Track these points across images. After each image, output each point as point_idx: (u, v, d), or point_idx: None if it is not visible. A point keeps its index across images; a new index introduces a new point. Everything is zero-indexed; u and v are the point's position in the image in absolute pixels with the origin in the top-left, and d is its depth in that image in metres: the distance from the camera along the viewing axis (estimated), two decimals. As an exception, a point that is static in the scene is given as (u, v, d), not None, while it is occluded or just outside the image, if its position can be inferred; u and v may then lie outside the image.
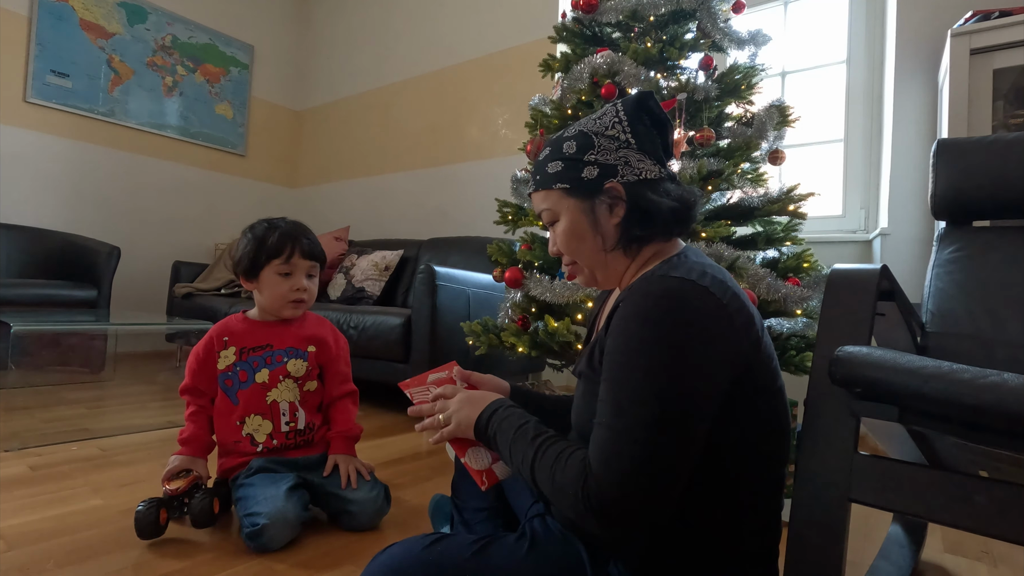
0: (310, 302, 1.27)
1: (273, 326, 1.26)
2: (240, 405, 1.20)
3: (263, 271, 1.21)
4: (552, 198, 0.70)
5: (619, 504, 0.54)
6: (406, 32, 3.73)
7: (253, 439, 1.20)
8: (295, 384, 1.24)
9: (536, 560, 0.63)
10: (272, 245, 1.21)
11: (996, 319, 1.01)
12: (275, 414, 1.21)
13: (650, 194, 0.66)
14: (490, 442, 0.67)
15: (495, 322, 1.77)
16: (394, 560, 0.64)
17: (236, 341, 1.22)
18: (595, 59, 1.62)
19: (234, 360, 1.21)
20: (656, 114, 0.69)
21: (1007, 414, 0.54)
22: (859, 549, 1.18)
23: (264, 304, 1.25)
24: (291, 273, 1.22)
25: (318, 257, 1.26)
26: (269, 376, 1.21)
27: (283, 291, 1.22)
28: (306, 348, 1.27)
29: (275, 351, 1.24)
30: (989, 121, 1.62)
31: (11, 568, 0.94)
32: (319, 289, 3.17)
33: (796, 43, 2.53)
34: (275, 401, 1.22)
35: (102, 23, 3.35)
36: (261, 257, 1.20)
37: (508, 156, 3.09)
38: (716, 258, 1.36)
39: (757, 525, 0.63)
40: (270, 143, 4.30)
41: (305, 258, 1.23)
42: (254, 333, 1.24)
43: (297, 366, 1.24)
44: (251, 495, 1.08)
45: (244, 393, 1.20)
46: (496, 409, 0.68)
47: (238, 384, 1.21)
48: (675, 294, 0.57)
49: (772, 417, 0.62)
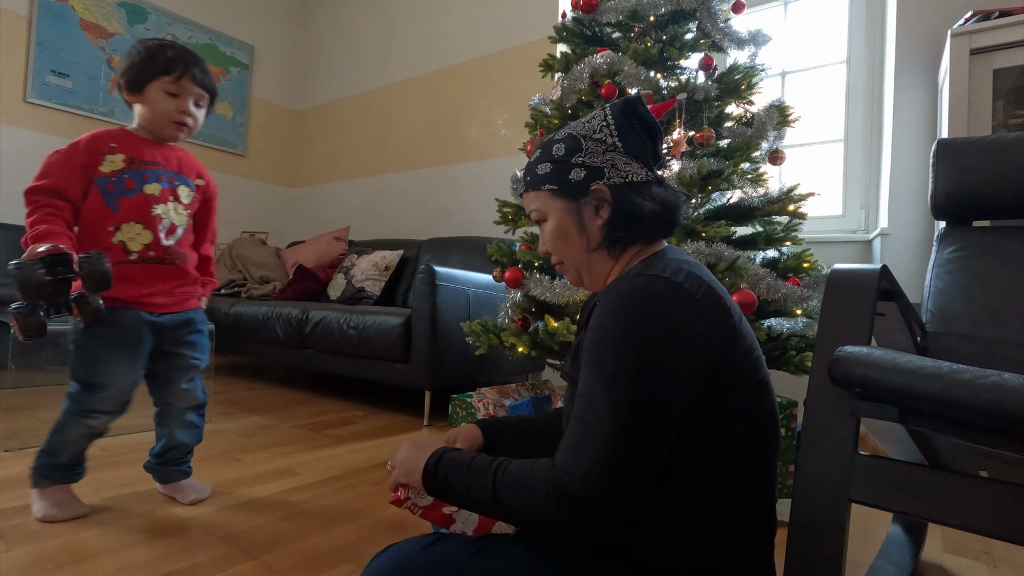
0: (194, 129, 1.26)
1: (160, 147, 1.24)
2: (120, 212, 1.16)
3: (150, 85, 1.18)
4: (541, 198, 0.72)
5: (591, 497, 0.54)
6: (406, 32, 3.73)
7: (126, 246, 1.17)
8: (184, 210, 1.25)
9: (536, 560, 0.63)
10: (163, 61, 1.17)
11: (996, 319, 1.01)
12: (155, 226, 1.20)
13: (635, 197, 0.68)
14: (443, 486, 0.63)
15: (495, 322, 1.77)
16: (394, 560, 0.64)
17: (125, 149, 1.19)
18: (595, 59, 1.62)
19: (122, 167, 1.18)
20: (646, 119, 0.71)
21: (1007, 414, 0.54)
22: (859, 549, 1.18)
23: (146, 120, 1.22)
24: (179, 95, 1.20)
25: (209, 88, 1.25)
26: (161, 192, 1.21)
27: (168, 109, 1.19)
28: (194, 179, 1.29)
29: (166, 171, 1.23)
30: (989, 121, 1.62)
31: (11, 568, 0.94)
32: (319, 289, 3.18)
33: (796, 43, 2.53)
34: (160, 215, 1.20)
35: (102, 23, 3.35)
36: (149, 70, 1.17)
37: (508, 156, 3.09)
38: (716, 258, 1.36)
39: (751, 518, 0.63)
40: (270, 143, 4.29)
41: (196, 84, 1.21)
42: (142, 148, 1.22)
43: (186, 193, 1.26)
44: (97, 356, 1.14)
45: (128, 201, 1.17)
46: (443, 454, 0.65)
47: (122, 191, 1.17)
48: (647, 290, 0.59)
49: (755, 409, 0.63)
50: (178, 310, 1.26)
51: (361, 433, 1.97)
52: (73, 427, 1.17)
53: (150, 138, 1.24)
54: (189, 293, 1.29)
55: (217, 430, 1.90)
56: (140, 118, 1.22)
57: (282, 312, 2.63)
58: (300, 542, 1.09)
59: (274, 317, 2.65)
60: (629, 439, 0.55)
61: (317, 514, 1.24)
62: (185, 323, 1.27)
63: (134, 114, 1.23)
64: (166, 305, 1.23)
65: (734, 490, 0.61)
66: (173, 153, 1.27)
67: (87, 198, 1.16)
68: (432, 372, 2.10)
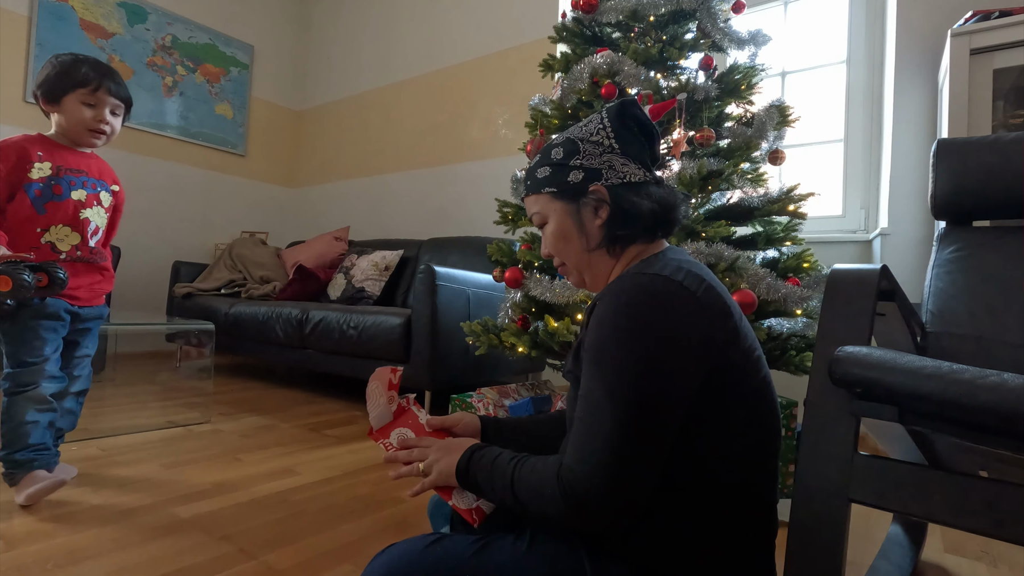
0: (111, 138, 1.38)
1: (82, 155, 1.37)
2: (46, 215, 1.28)
3: (66, 97, 1.29)
4: (541, 201, 0.74)
5: (596, 494, 0.55)
6: (406, 32, 3.73)
7: (55, 247, 1.30)
8: (105, 213, 1.40)
9: (536, 560, 0.63)
10: (79, 75, 1.28)
11: (996, 319, 1.01)
12: (83, 229, 1.34)
13: (633, 196, 0.69)
14: (473, 483, 0.68)
15: (495, 322, 1.77)
16: (394, 560, 0.64)
17: (52, 158, 1.31)
18: (595, 59, 1.62)
19: (49, 174, 1.29)
20: (642, 121, 0.72)
21: (1007, 414, 0.54)
22: (859, 549, 1.18)
23: (64, 129, 1.32)
24: (96, 105, 1.31)
25: (124, 98, 1.36)
26: (87, 197, 1.35)
27: (86, 119, 1.30)
28: (111, 185, 1.43)
29: (89, 178, 1.37)
30: (989, 121, 1.62)
31: (11, 568, 0.95)
32: (319, 289, 3.18)
33: (796, 43, 2.53)
34: (87, 219, 1.35)
35: (102, 23, 3.35)
36: (66, 83, 1.28)
37: (508, 156, 3.09)
38: (716, 258, 1.36)
39: (753, 517, 0.63)
40: (270, 143, 4.29)
41: (111, 95, 1.32)
42: (67, 156, 1.34)
43: (106, 197, 1.40)
44: (25, 339, 1.24)
45: (55, 205, 1.29)
46: (473, 452, 0.69)
47: (50, 196, 1.29)
48: (647, 289, 0.59)
49: (757, 408, 0.63)
50: (93, 304, 1.41)
51: (361, 433, 1.97)
52: (18, 406, 1.25)
53: (70, 146, 1.36)
54: (103, 289, 1.44)
55: (217, 430, 1.90)
56: (58, 127, 1.33)
57: (282, 312, 2.63)
58: (300, 542, 1.10)
59: (274, 317, 2.65)
60: (631, 436, 0.55)
61: (317, 514, 1.24)
62: (97, 316, 1.43)
63: (52, 122, 1.34)
64: (86, 299, 1.38)
65: (735, 490, 0.61)
66: (93, 161, 1.40)
67: (12, 201, 1.27)
68: (432, 372, 2.10)
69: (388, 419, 0.81)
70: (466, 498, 0.73)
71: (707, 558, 0.61)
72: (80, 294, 1.36)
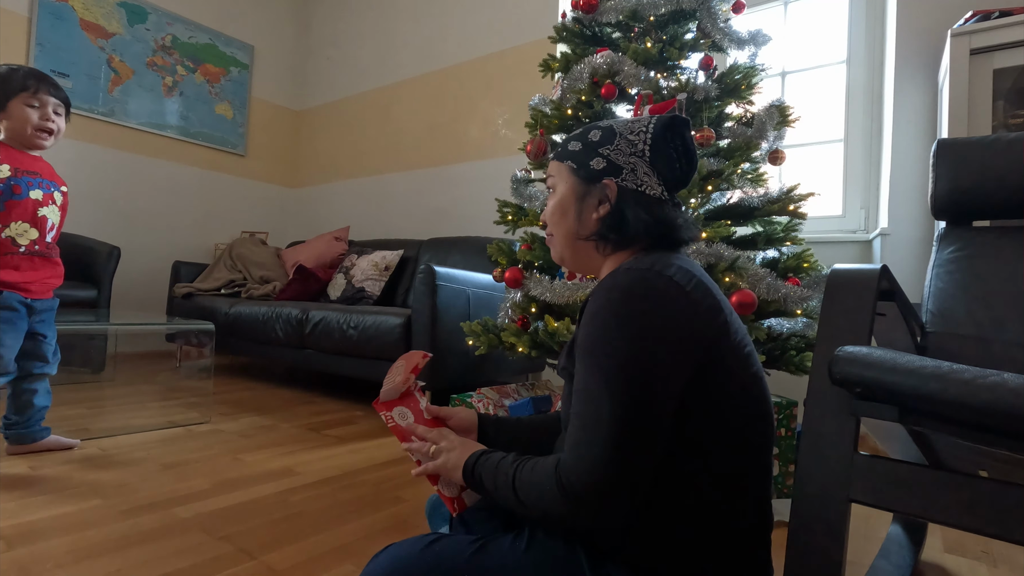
0: (58, 136, 1.48)
1: (34, 159, 1.48)
2: (5, 212, 1.40)
3: (11, 102, 1.40)
4: (561, 170, 0.75)
5: (593, 491, 0.56)
6: (406, 32, 3.73)
7: (14, 241, 1.42)
8: (59, 211, 1.52)
9: (535, 560, 0.63)
10: (18, 81, 1.40)
11: (996, 319, 1.01)
12: (42, 226, 1.47)
13: (636, 207, 0.69)
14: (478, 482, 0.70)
15: (495, 322, 1.77)
16: (393, 560, 0.64)
17: (9, 160, 1.42)
18: (595, 59, 1.62)
19: (8, 175, 1.41)
20: (688, 144, 0.72)
21: (1007, 414, 0.54)
22: (859, 549, 1.18)
23: (14, 132, 1.42)
24: (40, 106, 1.42)
25: (63, 100, 1.48)
26: (43, 197, 1.47)
27: (34, 118, 1.41)
28: (61, 187, 1.55)
29: (43, 179, 1.49)
30: (989, 121, 1.62)
31: (11, 568, 0.95)
32: (319, 289, 3.18)
33: (796, 43, 2.52)
34: (44, 216, 1.47)
35: (102, 23, 3.35)
36: (7, 89, 1.39)
37: (508, 156, 3.09)
38: (716, 258, 1.36)
39: (746, 514, 0.63)
40: (270, 143, 4.30)
41: (51, 96, 1.44)
42: (22, 159, 1.45)
43: (59, 197, 1.53)
44: None
45: (14, 203, 1.41)
46: (482, 453, 0.72)
47: (9, 195, 1.41)
48: (638, 283, 0.60)
49: (749, 404, 0.63)
50: (47, 297, 1.52)
51: (361, 433, 1.97)
52: None
53: (22, 149, 1.46)
54: (54, 284, 1.54)
55: (217, 430, 1.90)
56: (8, 131, 1.43)
57: (282, 312, 2.63)
58: (300, 542, 1.10)
59: (274, 317, 2.65)
60: (625, 431, 0.56)
61: (317, 514, 1.24)
62: (50, 308, 1.54)
63: (1, 129, 1.43)
64: (40, 292, 1.49)
65: (729, 486, 0.61)
66: (44, 165, 1.52)
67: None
68: (432, 372, 2.10)
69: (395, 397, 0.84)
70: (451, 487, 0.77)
71: (703, 555, 0.61)
72: (35, 287, 1.47)
